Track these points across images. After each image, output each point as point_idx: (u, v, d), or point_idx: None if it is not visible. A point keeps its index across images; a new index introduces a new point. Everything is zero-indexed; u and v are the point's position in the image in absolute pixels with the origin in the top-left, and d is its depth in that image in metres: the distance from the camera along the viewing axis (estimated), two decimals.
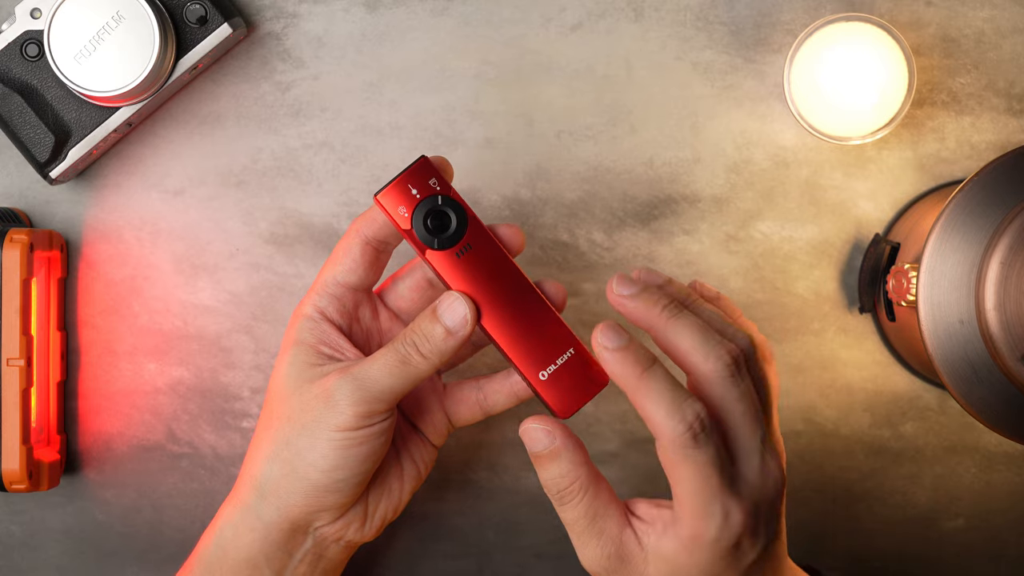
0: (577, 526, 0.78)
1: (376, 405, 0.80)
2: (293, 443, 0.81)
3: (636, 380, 0.75)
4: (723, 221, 0.94)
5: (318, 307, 0.83)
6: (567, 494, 0.78)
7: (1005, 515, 0.95)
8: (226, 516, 0.84)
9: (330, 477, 0.81)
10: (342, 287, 0.83)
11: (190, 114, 0.94)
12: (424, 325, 0.80)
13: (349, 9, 0.93)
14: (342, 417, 0.80)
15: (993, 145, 0.93)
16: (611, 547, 0.78)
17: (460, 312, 0.79)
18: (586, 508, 0.78)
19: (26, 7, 0.88)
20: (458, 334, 0.79)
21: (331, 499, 0.82)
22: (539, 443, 0.78)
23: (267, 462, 0.82)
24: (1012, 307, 0.80)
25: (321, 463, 0.81)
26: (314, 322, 0.83)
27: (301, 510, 0.82)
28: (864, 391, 0.94)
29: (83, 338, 0.94)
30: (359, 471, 0.81)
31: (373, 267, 0.83)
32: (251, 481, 0.83)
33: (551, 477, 0.78)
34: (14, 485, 0.88)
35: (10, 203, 0.94)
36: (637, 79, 0.93)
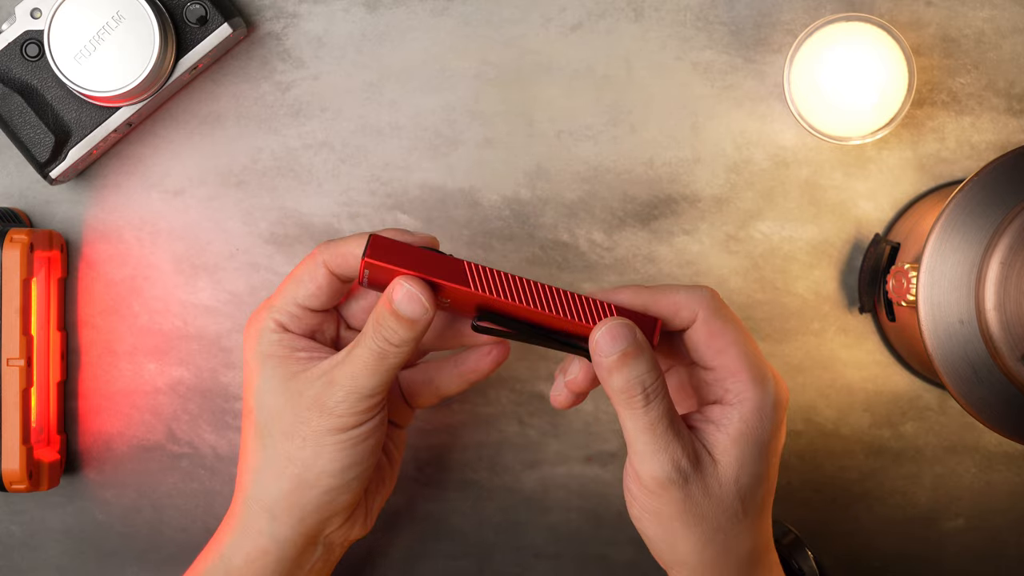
0: (659, 427, 0.76)
1: (368, 402, 0.80)
2: (297, 457, 0.81)
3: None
4: (723, 221, 0.94)
5: (280, 322, 0.82)
6: (653, 391, 0.76)
7: (1005, 515, 0.95)
8: (232, 543, 0.83)
9: (343, 478, 0.81)
10: (303, 309, 0.82)
11: (190, 114, 0.93)
12: (386, 317, 0.79)
13: (349, 9, 0.93)
14: (340, 421, 0.80)
15: (993, 145, 0.93)
16: (689, 447, 0.77)
17: (411, 298, 0.78)
18: (668, 406, 0.77)
19: (26, 7, 0.88)
20: (419, 319, 0.79)
21: (343, 500, 0.82)
22: (624, 340, 0.76)
23: (274, 481, 0.82)
24: (1012, 307, 0.80)
25: (332, 467, 0.80)
26: (279, 334, 0.82)
27: (315, 520, 0.82)
28: (864, 391, 0.94)
29: (83, 338, 0.94)
30: (368, 464, 0.81)
31: (337, 294, 0.83)
32: (257, 504, 0.82)
33: (638, 375, 0.76)
34: (14, 485, 0.88)
35: (10, 203, 0.94)
36: (637, 79, 0.93)
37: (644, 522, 0.79)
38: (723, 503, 0.78)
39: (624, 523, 0.94)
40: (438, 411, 0.94)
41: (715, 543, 0.78)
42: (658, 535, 0.79)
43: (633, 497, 0.78)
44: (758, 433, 0.78)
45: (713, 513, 0.78)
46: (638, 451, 0.77)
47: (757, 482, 0.78)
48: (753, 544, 0.79)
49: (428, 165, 0.93)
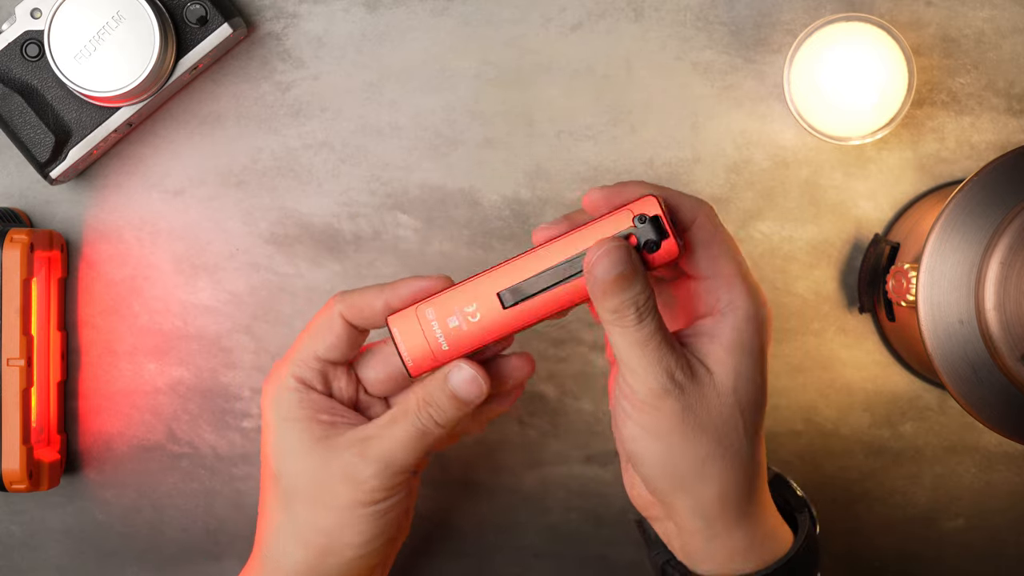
0: (652, 342, 0.75)
1: (401, 477, 0.80)
2: (323, 526, 0.80)
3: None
4: (723, 221, 0.93)
5: (300, 378, 0.82)
6: (646, 309, 0.75)
7: (1005, 515, 0.95)
8: None
9: (367, 548, 0.81)
10: (323, 362, 0.82)
11: (190, 114, 0.94)
12: (438, 397, 0.79)
13: (349, 9, 0.93)
14: (372, 495, 0.80)
15: (993, 145, 0.93)
16: (683, 360, 0.76)
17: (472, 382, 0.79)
18: (660, 323, 0.76)
19: (26, 7, 0.88)
20: (473, 402, 0.79)
21: (366, 566, 0.82)
22: (622, 262, 0.75)
23: (297, 548, 0.81)
24: (1012, 307, 0.80)
25: (358, 539, 0.80)
26: (301, 393, 0.81)
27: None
28: (864, 391, 0.94)
29: (83, 338, 0.94)
30: (393, 534, 0.82)
31: (356, 345, 0.82)
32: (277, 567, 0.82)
33: (633, 295, 0.75)
34: (14, 485, 0.88)
35: (10, 203, 0.94)
36: (637, 79, 0.93)
37: (639, 441, 0.77)
38: (723, 414, 0.76)
39: (624, 523, 0.94)
40: None
41: (716, 456, 0.77)
42: (655, 452, 0.77)
43: (627, 415, 0.77)
44: (752, 342, 0.77)
45: (713, 424, 0.76)
46: (631, 368, 0.76)
47: (754, 393, 0.77)
48: (753, 467, 0.78)
49: (428, 165, 0.93)
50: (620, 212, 0.77)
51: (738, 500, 0.78)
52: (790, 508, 0.84)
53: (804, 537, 0.81)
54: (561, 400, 0.94)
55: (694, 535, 0.79)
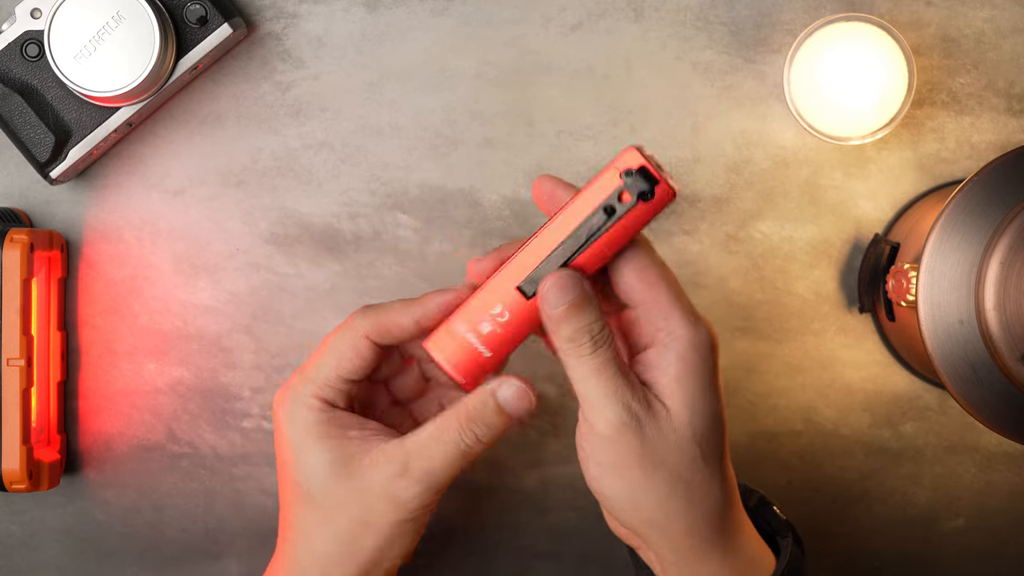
0: (609, 370, 0.75)
1: (439, 495, 0.80)
2: (369, 544, 0.80)
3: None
4: (723, 221, 0.94)
5: (323, 398, 0.80)
6: (601, 338, 0.75)
7: (1005, 515, 0.95)
8: None
9: (407, 557, 0.81)
10: (348, 383, 0.81)
11: (190, 114, 0.94)
12: (486, 415, 0.78)
13: (349, 9, 0.93)
14: (414, 514, 0.79)
15: (993, 145, 0.94)
16: (639, 393, 0.76)
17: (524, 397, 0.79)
18: (614, 353, 0.76)
19: (26, 7, 0.88)
20: (524, 418, 0.79)
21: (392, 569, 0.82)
22: (571, 291, 0.75)
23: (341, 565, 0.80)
24: (1012, 307, 0.80)
25: (401, 551, 0.81)
26: (325, 414, 0.80)
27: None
28: (864, 391, 0.94)
29: (83, 338, 0.94)
30: (417, 542, 0.82)
31: (379, 361, 0.81)
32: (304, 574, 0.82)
33: (586, 324, 0.75)
34: (14, 485, 0.88)
35: (10, 203, 0.94)
36: (637, 79, 0.93)
37: (603, 480, 0.77)
38: (680, 447, 0.76)
39: None
40: None
41: (678, 493, 0.76)
42: (619, 491, 0.77)
43: (588, 454, 0.77)
44: (700, 370, 0.76)
45: (672, 458, 0.76)
46: (589, 400, 0.76)
47: (711, 423, 0.77)
48: (720, 496, 0.78)
49: (428, 165, 0.93)
50: (606, 172, 0.76)
51: (709, 532, 0.78)
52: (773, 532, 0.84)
53: (786, 562, 0.80)
54: (561, 400, 0.94)
55: (670, 567, 0.79)
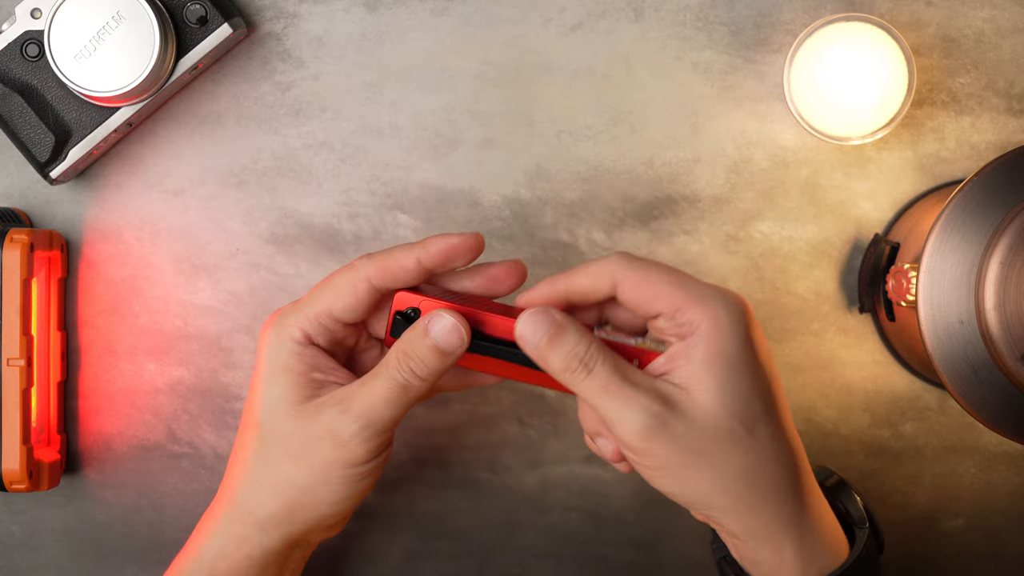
0: (613, 385, 0.75)
1: (384, 436, 0.80)
2: (300, 482, 0.80)
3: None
4: (723, 221, 0.94)
5: (306, 332, 0.81)
6: (590, 357, 0.76)
7: (1005, 515, 0.95)
8: (214, 546, 0.83)
9: (340, 507, 0.81)
10: (337, 322, 0.81)
11: (190, 114, 0.94)
12: (418, 347, 0.78)
13: (349, 9, 0.93)
14: (354, 455, 0.79)
15: (993, 145, 0.93)
16: (654, 394, 0.75)
17: (453, 330, 0.78)
18: (613, 366, 0.76)
19: (26, 7, 0.88)
20: (454, 352, 0.79)
21: (334, 521, 0.82)
22: (543, 324, 0.76)
23: (270, 499, 0.81)
24: (1012, 307, 0.80)
25: (334, 498, 0.80)
26: (302, 346, 0.81)
27: (302, 532, 0.82)
28: (864, 391, 0.94)
29: (83, 338, 0.94)
30: (364, 495, 0.82)
31: (373, 309, 0.82)
32: (247, 514, 0.82)
33: (569, 350, 0.76)
34: (14, 485, 0.88)
35: (10, 203, 0.94)
36: (637, 79, 0.93)
37: (657, 480, 0.77)
38: (717, 429, 0.75)
39: (624, 523, 0.94)
40: (438, 411, 0.94)
41: (731, 472, 0.76)
42: (674, 487, 0.76)
43: (635, 462, 0.77)
44: (725, 350, 0.75)
45: (710, 443, 0.75)
46: (609, 418, 0.76)
47: (746, 396, 0.76)
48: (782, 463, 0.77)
49: (428, 165, 0.93)
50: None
51: (776, 504, 0.77)
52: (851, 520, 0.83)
53: (856, 555, 0.79)
54: (561, 400, 0.94)
55: (738, 544, 0.78)
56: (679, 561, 0.95)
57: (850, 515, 0.83)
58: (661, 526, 0.95)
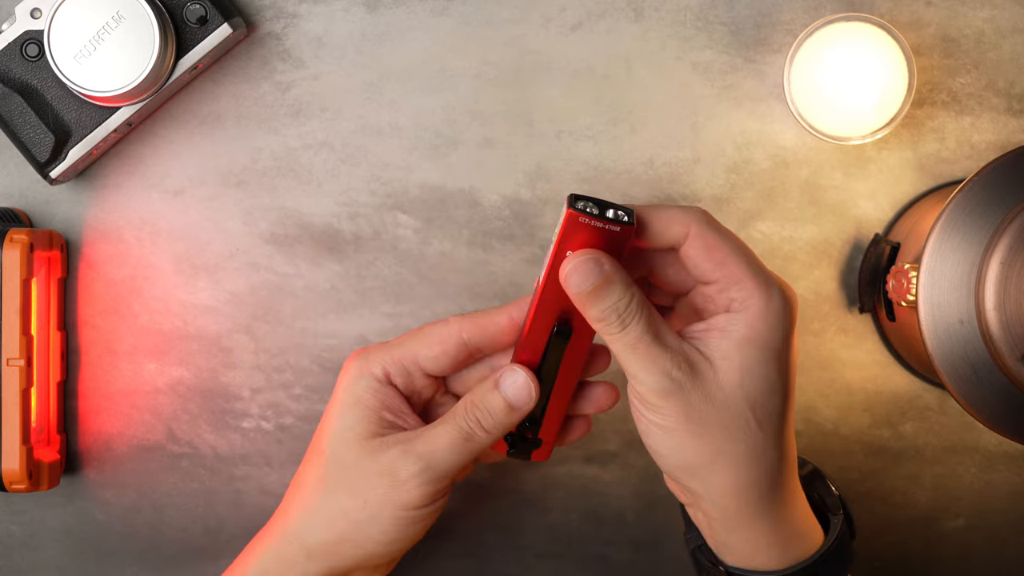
0: (642, 344, 0.75)
1: (442, 483, 0.80)
2: (353, 516, 0.81)
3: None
4: (723, 221, 0.94)
5: (387, 371, 0.82)
6: (629, 313, 0.75)
7: (1005, 515, 0.95)
8: (261, 564, 0.83)
9: (388, 549, 0.81)
10: (420, 369, 0.82)
11: (190, 114, 0.94)
12: (487, 399, 0.79)
13: (349, 9, 0.93)
14: (409, 496, 0.80)
15: (993, 145, 0.94)
16: (680, 356, 0.76)
17: (523, 386, 0.79)
18: (648, 322, 0.76)
19: (26, 7, 0.88)
20: (522, 409, 0.79)
21: (381, 562, 0.82)
22: (592, 274, 0.75)
23: (323, 530, 0.82)
24: (1012, 307, 0.80)
25: (382, 538, 0.81)
26: (380, 384, 0.82)
27: (348, 571, 0.82)
28: (864, 391, 0.94)
29: (83, 338, 0.94)
30: (415, 541, 0.82)
31: (458, 365, 0.82)
32: (297, 539, 0.82)
33: (611, 303, 0.75)
34: (14, 485, 0.88)
35: (10, 203, 0.94)
36: (637, 79, 0.93)
37: (653, 436, 0.77)
38: (729, 409, 0.76)
39: (624, 523, 0.94)
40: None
41: (725, 453, 0.76)
42: (667, 447, 0.77)
43: (639, 413, 0.77)
44: (764, 338, 0.76)
45: (718, 419, 0.76)
46: (629, 371, 0.76)
47: (768, 389, 0.76)
48: (774, 463, 0.77)
49: (428, 165, 0.93)
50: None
51: (757, 497, 0.77)
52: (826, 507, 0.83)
53: (832, 541, 0.80)
54: None
55: (715, 525, 0.79)
56: (679, 561, 0.95)
57: (825, 503, 0.83)
58: (661, 526, 0.95)
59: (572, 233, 0.76)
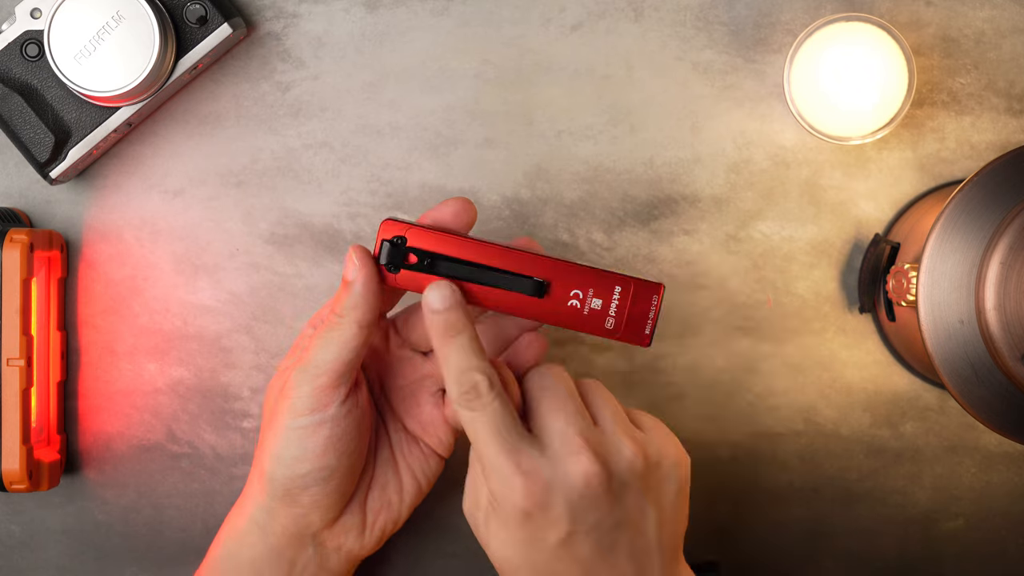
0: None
1: (321, 380, 0.81)
2: (266, 445, 0.82)
3: (441, 343, 0.79)
4: (723, 221, 0.94)
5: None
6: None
7: (1005, 515, 0.95)
8: (231, 525, 0.85)
9: (293, 471, 0.82)
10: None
11: (190, 114, 0.94)
12: (339, 290, 0.81)
13: (349, 9, 0.93)
14: (294, 403, 0.81)
15: (993, 145, 0.94)
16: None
17: (350, 264, 0.80)
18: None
19: (26, 7, 0.88)
20: (355, 283, 0.80)
21: (307, 498, 0.83)
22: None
23: (253, 472, 0.84)
24: (1012, 307, 0.80)
25: (284, 455, 0.81)
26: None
27: (287, 514, 0.83)
28: (864, 391, 0.94)
29: (83, 338, 0.94)
30: (321, 463, 0.82)
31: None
32: (247, 491, 0.85)
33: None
34: (14, 485, 0.88)
35: (10, 203, 0.94)
36: (637, 79, 0.93)
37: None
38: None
39: None
40: None
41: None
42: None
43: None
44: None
45: None
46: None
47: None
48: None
49: (428, 165, 0.93)
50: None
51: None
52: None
53: None
54: None
55: None
56: None
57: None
58: None
59: None
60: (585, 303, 0.81)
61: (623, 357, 0.94)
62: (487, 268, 0.81)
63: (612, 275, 0.81)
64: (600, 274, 0.81)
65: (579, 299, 0.81)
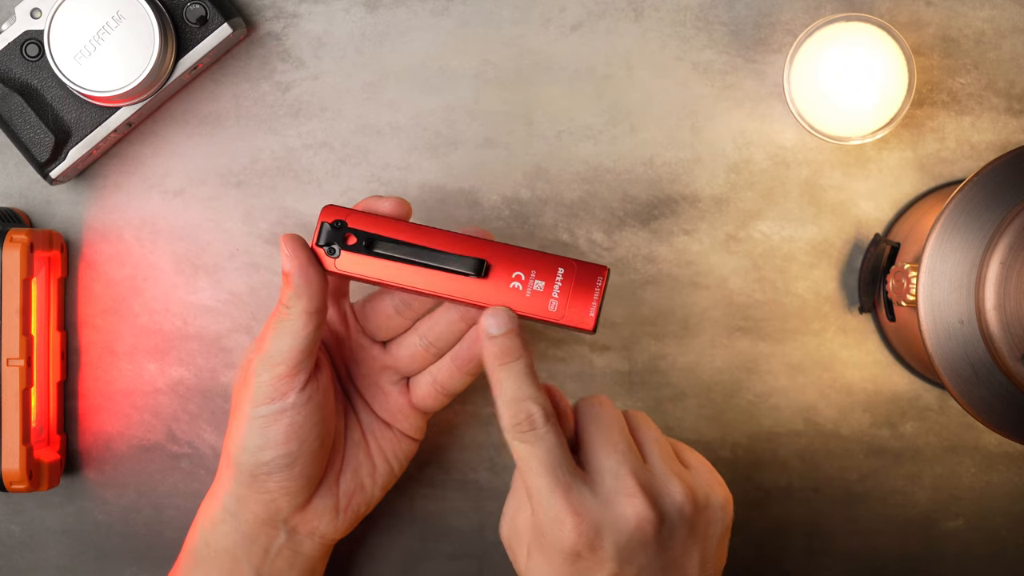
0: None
1: (279, 369, 0.81)
2: (232, 433, 0.83)
3: (495, 368, 0.78)
4: (723, 221, 0.94)
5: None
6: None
7: (1005, 515, 0.95)
8: (205, 514, 0.86)
9: (256, 458, 0.82)
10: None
11: (190, 114, 0.94)
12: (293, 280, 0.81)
13: (349, 9, 0.93)
14: (255, 392, 0.81)
15: (993, 145, 0.94)
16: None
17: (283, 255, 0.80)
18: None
19: (26, 7, 0.88)
20: (292, 273, 0.80)
21: (273, 484, 0.83)
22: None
23: (223, 460, 0.85)
24: (1012, 307, 0.80)
25: (248, 444, 0.82)
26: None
27: (256, 500, 0.83)
28: (864, 391, 0.94)
29: (83, 338, 0.94)
30: (284, 450, 0.82)
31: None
32: (219, 478, 0.85)
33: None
34: (14, 485, 0.88)
35: (10, 203, 0.94)
36: (637, 79, 0.93)
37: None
38: None
39: None
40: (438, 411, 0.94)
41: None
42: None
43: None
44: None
45: None
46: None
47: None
48: None
49: (428, 165, 0.93)
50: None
51: None
52: None
53: None
54: None
55: None
56: None
57: None
58: None
59: None
60: (527, 285, 0.81)
61: (623, 357, 0.94)
62: (426, 249, 0.81)
63: (554, 257, 0.81)
64: (543, 256, 0.81)
65: (521, 280, 0.81)
